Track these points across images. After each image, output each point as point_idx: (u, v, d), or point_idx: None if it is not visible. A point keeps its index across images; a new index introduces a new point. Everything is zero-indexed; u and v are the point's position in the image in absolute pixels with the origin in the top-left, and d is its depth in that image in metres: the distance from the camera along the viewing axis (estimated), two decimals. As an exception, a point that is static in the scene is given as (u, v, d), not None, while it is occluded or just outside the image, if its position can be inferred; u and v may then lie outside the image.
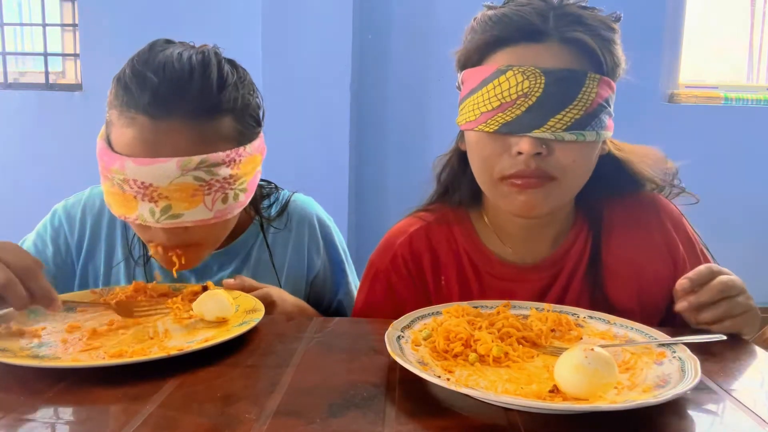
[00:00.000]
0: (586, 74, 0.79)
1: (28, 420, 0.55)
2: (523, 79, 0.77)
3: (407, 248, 0.94)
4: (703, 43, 2.57)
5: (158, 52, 0.84)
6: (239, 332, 0.74)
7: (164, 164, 0.79)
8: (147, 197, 0.81)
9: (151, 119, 0.80)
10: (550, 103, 0.78)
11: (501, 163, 0.81)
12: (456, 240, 0.94)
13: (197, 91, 0.81)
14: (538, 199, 0.82)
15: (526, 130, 0.78)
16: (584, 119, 0.79)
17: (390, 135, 2.44)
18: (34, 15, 2.66)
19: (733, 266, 0.88)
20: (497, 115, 0.79)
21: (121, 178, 0.82)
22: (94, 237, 1.00)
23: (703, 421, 0.58)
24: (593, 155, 0.84)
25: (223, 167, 0.83)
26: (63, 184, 2.52)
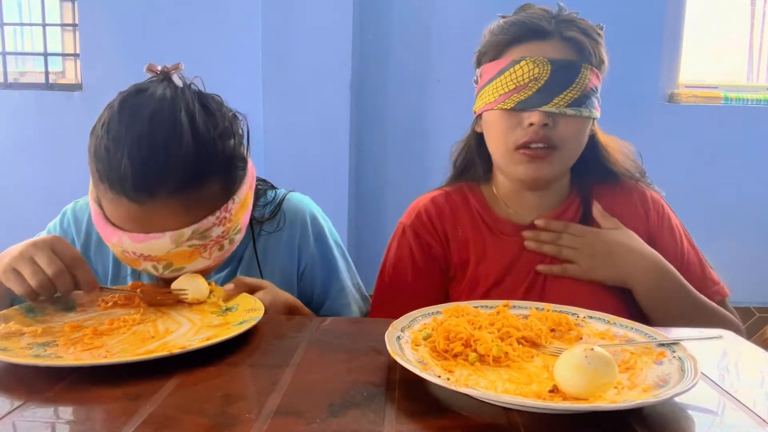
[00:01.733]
0: (581, 64, 0.99)
1: (28, 419, 0.56)
2: (534, 66, 0.97)
3: (430, 206, 1.13)
4: (703, 43, 2.57)
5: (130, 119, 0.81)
6: (240, 331, 0.74)
7: (158, 240, 0.83)
8: (148, 260, 0.86)
9: (136, 204, 0.81)
10: (554, 86, 0.97)
11: (515, 134, 0.99)
12: (470, 203, 1.13)
13: (176, 169, 0.80)
14: (542, 167, 1.00)
15: (536, 106, 0.97)
16: (580, 99, 0.98)
17: (390, 135, 2.44)
18: (34, 15, 2.65)
19: (733, 266, 0.89)
20: (513, 95, 0.98)
21: (120, 250, 0.86)
22: (101, 242, 1.01)
23: (703, 421, 0.58)
24: (586, 130, 1.03)
25: (215, 228, 0.86)
26: (63, 184, 2.52)
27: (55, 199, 2.64)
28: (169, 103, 0.83)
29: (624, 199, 1.10)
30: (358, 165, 2.41)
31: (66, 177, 2.49)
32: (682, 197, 2.41)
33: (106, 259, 1.04)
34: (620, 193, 1.11)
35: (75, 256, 0.82)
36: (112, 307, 0.89)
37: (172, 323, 0.82)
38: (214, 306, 0.88)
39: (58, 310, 0.86)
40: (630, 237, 1.02)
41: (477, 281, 1.07)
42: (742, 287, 2.53)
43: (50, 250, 0.80)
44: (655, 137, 2.40)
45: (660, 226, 1.09)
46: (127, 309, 0.88)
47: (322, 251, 1.10)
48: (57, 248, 0.81)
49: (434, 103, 2.37)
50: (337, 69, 2.24)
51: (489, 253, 1.07)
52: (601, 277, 1.01)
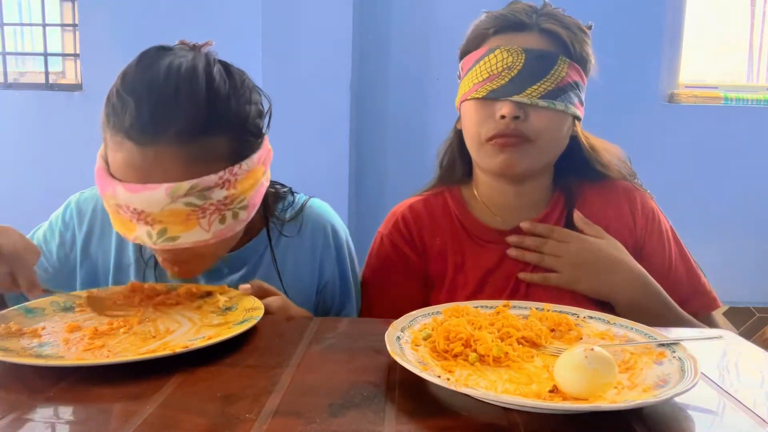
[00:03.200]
0: (557, 56, 0.97)
1: (28, 419, 0.56)
2: (508, 55, 0.96)
3: (408, 214, 1.11)
4: (703, 43, 2.57)
5: (146, 67, 0.80)
6: (240, 331, 0.74)
7: (153, 191, 0.77)
8: (141, 221, 0.79)
9: (136, 145, 0.77)
10: (528, 76, 0.95)
11: (487, 126, 0.98)
12: (449, 208, 1.11)
13: (183, 113, 0.77)
14: (515, 157, 0.98)
15: (508, 95, 0.95)
16: (555, 92, 0.96)
17: (390, 135, 2.44)
18: (34, 15, 2.65)
19: (733, 266, 0.88)
20: (486, 84, 0.97)
21: (114, 203, 0.81)
22: (104, 234, 0.99)
23: (703, 421, 0.58)
24: (563, 127, 1.00)
25: (217, 189, 0.79)
26: (63, 184, 2.52)
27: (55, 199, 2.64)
28: (190, 59, 0.81)
29: (611, 201, 1.07)
30: (358, 165, 2.41)
31: (66, 177, 2.49)
32: (682, 197, 2.42)
33: (108, 252, 1.00)
34: (607, 195, 1.07)
35: (16, 252, 0.76)
36: (111, 307, 0.88)
37: (172, 323, 0.82)
38: (214, 306, 0.88)
39: (58, 310, 0.86)
40: (615, 247, 0.98)
41: (455, 290, 1.04)
42: (742, 287, 2.54)
43: None
44: (655, 137, 2.40)
45: (649, 230, 1.05)
46: (127, 309, 0.88)
47: (342, 269, 1.08)
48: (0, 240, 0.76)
49: (434, 103, 2.37)
50: (337, 69, 2.24)
51: (468, 261, 1.05)
52: (583, 288, 0.98)
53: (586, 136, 1.07)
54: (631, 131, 2.37)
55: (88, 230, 0.99)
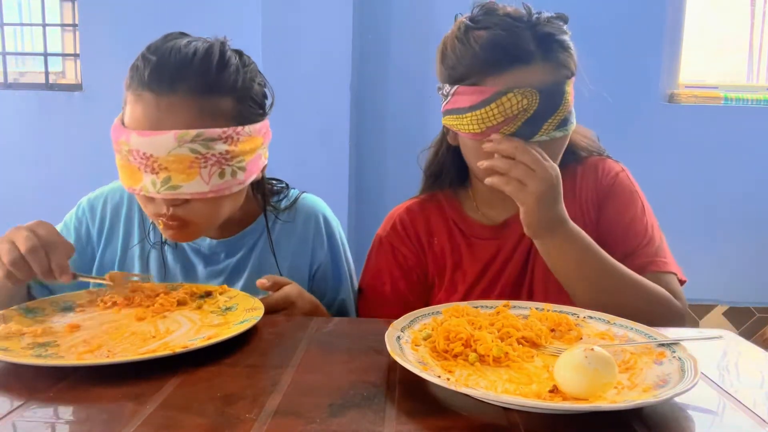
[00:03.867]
0: (565, 83, 0.97)
1: (28, 419, 0.56)
2: (522, 98, 0.93)
3: (405, 216, 1.13)
4: (703, 43, 2.57)
5: (169, 40, 0.92)
6: (240, 330, 0.74)
7: (163, 136, 0.85)
8: (149, 168, 0.87)
9: (154, 95, 0.87)
10: (543, 113, 0.94)
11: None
12: (444, 210, 1.13)
13: (198, 71, 0.88)
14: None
15: (526, 137, 0.94)
16: (567, 117, 0.97)
17: (390, 135, 2.44)
18: (34, 15, 2.65)
19: (733, 266, 0.88)
20: (502, 128, 0.94)
21: (126, 149, 0.88)
22: (114, 224, 1.08)
23: (703, 421, 0.58)
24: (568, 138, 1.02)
25: (220, 143, 0.88)
26: (63, 184, 2.52)
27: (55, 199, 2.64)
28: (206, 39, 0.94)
29: (585, 176, 1.08)
30: (358, 165, 2.41)
31: (66, 177, 2.50)
32: (682, 197, 2.42)
33: (115, 248, 1.08)
34: (583, 173, 1.08)
35: (51, 240, 0.83)
36: (111, 307, 0.89)
37: (172, 323, 0.82)
38: (214, 306, 0.88)
39: (58, 310, 0.86)
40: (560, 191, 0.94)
41: (455, 286, 1.07)
42: (742, 287, 2.54)
43: (29, 230, 0.82)
44: (655, 137, 2.40)
45: (610, 191, 1.06)
46: (127, 309, 0.88)
47: (334, 255, 1.12)
48: (36, 229, 0.83)
49: (434, 103, 2.36)
50: (337, 69, 2.24)
51: (465, 258, 1.08)
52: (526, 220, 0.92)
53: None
54: (631, 131, 2.37)
55: (101, 222, 1.09)
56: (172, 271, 1.05)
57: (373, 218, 2.45)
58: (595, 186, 1.07)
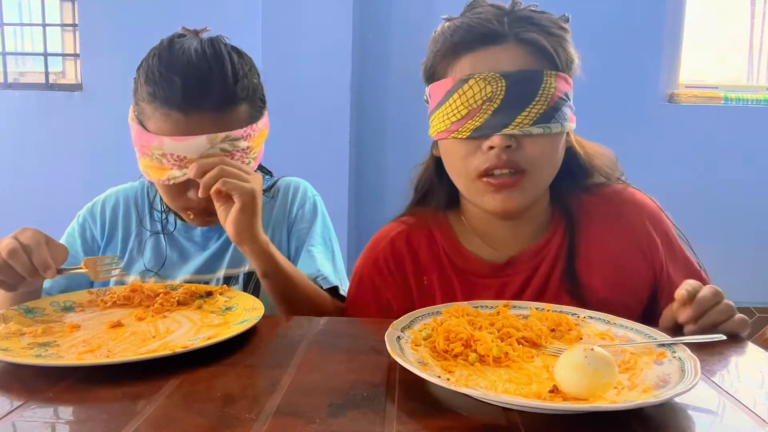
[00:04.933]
0: (542, 72, 0.84)
1: (28, 419, 0.56)
2: (485, 84, 0.83)
3: (389, 251, 0.98)
4: (703, 43, 2.57)
5: (178, 51, 0.96)
6: (240, 330, 0.74)
7: (196, 139, 0.93)
8: (178, 166, 0.94)
9: (184, 114, 0.93)
10: (513, 103, 0.83)
11: (475, 161, 0.87)
12: (436, 241, 0.98)
13: (219, 88, 0.95)
14: (513, 197, 0.87)
15: (495, 129, 0.84)
16: (548, 113, 0.84)
17: (390, 135, 2.44)
18: (34, 15, 2.65)
19: (733, 266, 0.88)
20: (467, 122, 0.85)
21: (159, 153, 0.94)
22: (113, 223, 1.16)
23: (703, 421, 0.58)
24: (559, 146, 0.89)
25: (242, 141, 0.97)
26: (63, 184, 2.52)
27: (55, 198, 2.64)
28: (210, 43, 0.98)
29: (615, 204, 0.96)
30: (358, 165, 2.41)
31: (66, 177, 2.50)
32: (682, 197, 2.41)
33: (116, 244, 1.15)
34: (612, 206, 0.96)
35: (33, 241, 0.85)
36: (111, 307, 0.89)
37: (172, 323, 0.82)
38: (214, 306, 0.88)
39: (58, 310, 0.86)
40: None
41: None
42: (742, 287, 2.54)
43: (10, 237, 0.86)
44: (655, 137, 2.40)
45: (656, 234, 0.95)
46: (126, 309, 0.88)
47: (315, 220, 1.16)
48: (17, 235, 0.86)
49: (434, 103, 2.37)
50: (337, 69, 2.24)
51: (460, 298, 0.93)
52: None
53: (581, 143, 0.97)
54: (631, 131, 2.37)
55: (101, 223, 1.16)
56: (169, 258, 1.12)
57: (373, 218, 2.46)
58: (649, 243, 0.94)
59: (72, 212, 1.20)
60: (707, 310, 0.78)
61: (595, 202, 0.96)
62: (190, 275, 1.10)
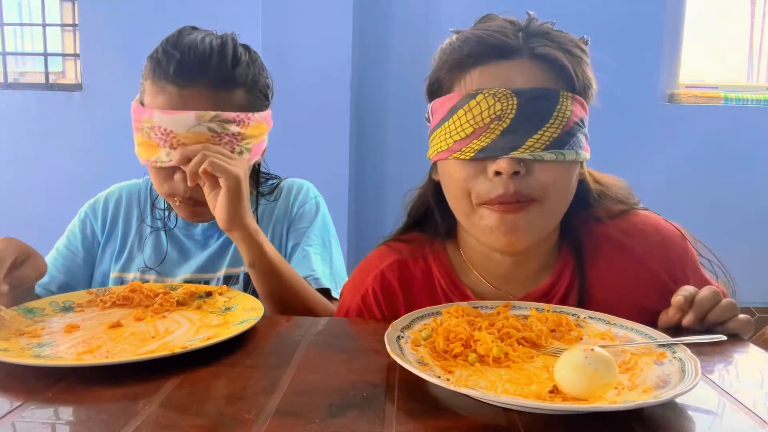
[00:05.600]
0: (558, 92, 0.76)
1: (27, 420, 0.55)
2: (495, 101, 0.75)
3: (379, 285, 0.89)
4: (703, 43, 2.57)
5: (185, 36, 1.00)
6: (240, 330, 0.74)
7: (184, 114, 0.94)
8: (167, 144, 0.95)
9: (177, 88, 0.96)
10: (525, 124, 0.75)
11: (478, 187, 0.78)
12: (432, 275, 0.89)
13: (215, 67, 0.98)
14: (519, 226, 0.77)
15: (503, 153, 0.75)
16: (562, 138, 0.76)
17: (390, 134, 2.44)
18: (34, 15, 2.65)
19: (733, 266, 0.88)
20: (472, 142, 0.76)
21: (148, 126, 0.96)
22: (114, 218, 1.17)
23: (703, 421, 0.58)
24: (573, 176, 0.81)
25: (233, 125, 0.98)
26: (63, 184, 2.52)
27: (55, 198, 2.64)
28: (218, 35, 1.03)
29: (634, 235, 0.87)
30: (358, 164, 2.41)
31: (66, 176, 2.49)
32: (682, 197, 2.42)
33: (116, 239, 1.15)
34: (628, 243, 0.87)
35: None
36: (110, 307, 0.89)
37: (172, 323, 0.82)
38: (213, 306, 0.88)
39: (57, 310, 0.86)
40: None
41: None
42: (742, 287, 2.53)
43: None
44: (655, 137, 2.40)
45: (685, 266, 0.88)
46: (126, 309, 0.88)
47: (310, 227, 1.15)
48: None
49: (434, 103, 2.37)
50: (337, 69, 2.24)
51: None
52: None
53: (592, 174, 0.90)
54: (631, 131, 2.37)
55: (102, 219, 1.17)
56: (169, 255, 1.12)
57: (373, 218, 2.46)
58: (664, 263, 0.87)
59: (72, 212, 1.20)
60: (708, 311, 0.78)
61: (609, 234, 0.87)
62: (190, 274, 1.10)
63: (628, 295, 0.84)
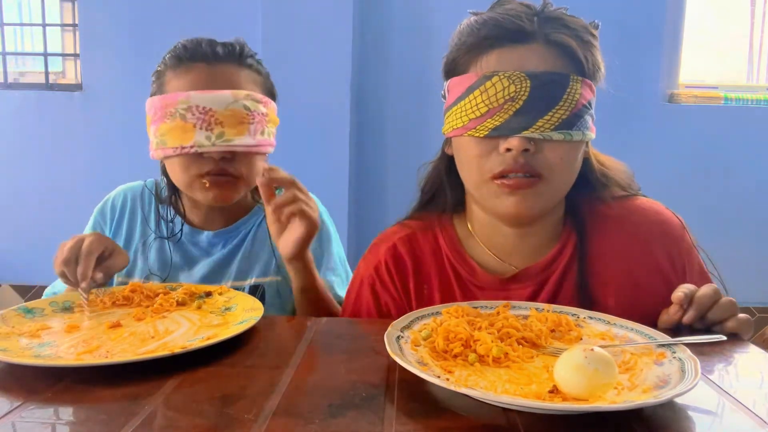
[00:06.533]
0: (569, 76, 0.82)
1: (27, 420, 0.55)
2: (509, 83, 0.81)
3: (391, 256, 0.95)
4: (703, 43, 2.57)
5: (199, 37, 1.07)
6: (240, 331, 0.74)
7: (221, 93, 1.00)
8: (204, 124, 0.98)
9: (206, 64, 1.03)
10: (537, 105, 0.80)
11: (490, 162, 0.84)
12: (440, 248, 0.95)
13: (238, 50, 1.07)
14: (527, 201, 0.83)
15: (515, 131, 0.81)
16: (571, 119, 0.82)
17: (390, 135, 2.44)
18: (34, 15, 2.65)
19: (733, 266, 0.88)
20: (486, 120, 0.82)
21: (184, 107, 0.99)
22: (119, 222, 1.18)
23: (703, 421, 0.58)
24: (578, 155, 0.87)
25: (261, 105, 1.04)
26: (63, 184, 2.52)
27: (55, 198, 2.64)
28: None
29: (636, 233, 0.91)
30: (358, 165, 2.41)
31: (66, 177, 2.49)
32: (682, 197, 2.41)
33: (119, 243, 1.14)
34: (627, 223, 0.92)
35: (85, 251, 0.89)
36: (110, 307, 0.89)
37: (171, 323, 0.82)
38: (213, 306, 0.88)
39: (57, 310, 0.86)
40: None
41: None
42: (742, 287, 2.53)
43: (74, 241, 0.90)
44: (655, 137, 2.40)
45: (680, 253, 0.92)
46: (126, 309, 0.88)
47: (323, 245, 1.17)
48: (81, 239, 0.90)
49: (434, 103, 2.36)
50: (337, 69, 2.24)
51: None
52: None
53: (596, 155, 0.95)
54: (631, 131, 2.37)
55: (110, 224, 1.19)
56: (175, 263, 1.12)
57: (374, 218, 2.45)
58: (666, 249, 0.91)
59: (72, 211, 1.21)
60: (709, 308, 0.79)
61: (611, 214, 0.92)
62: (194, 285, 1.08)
63: (626, 272, 0.89)
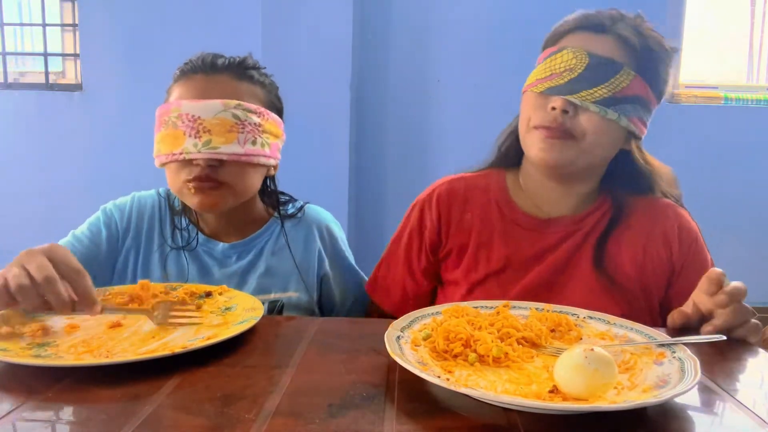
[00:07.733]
0: (622, 66, 0.96)
1: (28, 419, 0.55)
2: (572, 56, 0.97)
3: (444, 191, 1.12)
4: (703, 43, 2.57)
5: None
6: (240, 331, 0.74)
7: (211, 101, 1.01)
8: (193, 131, 1.00)
9: (204, 75, 1.06)
10: (587, 79, 0.96)
11: (536, 115, 1.00)
12: (489, 190, 1.11)
13: (239, 63, 1.09)
14: (554, 151, 0.98)
15: (562, 94, 0.97)
16: (610, 100, 0.95)
17: (390, 135, 2.44)
18: (34, 15, 2.65)
19: (733, 266, 0.88)
20: (546, 81, 0.99)
21: (176, 115, 1.01)
22: (139, 228, 1.15)
23: (703, 421, 0.58)
24: (612, 134, 0.99)
25: (254, 115, 1.04)
26: (63, 184, 2.52)
27: (54, 198, 2.64)
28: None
29: (656, 218, 1.05)
30: (358, 165, 2.41)
31: (66, 176, 2.50)
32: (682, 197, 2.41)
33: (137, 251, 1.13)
34: (652, 211, 1.06)
35: (75, 268, 0.75)
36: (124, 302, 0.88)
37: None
38: (213, 306, 0.88)
39: (58, 310, 0.86)
40: None
41: (476, 265, 1.05)
42: (742, 287, 2.53)
43: (44, 256, 0.73)
44: (655, 137, 2.40)
45: (688, 261, 1.03)
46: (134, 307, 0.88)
47: (342, 264, 1.21)
48: (54, 257, 0.74)
49: (434, 103, 2.37)
50: (337, 69, 2.24)
51: (495, 240, 1.05)
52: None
53: (646, 158, 1.08)
54: (631, 131, 2.37)
55: (127, 224, 1.16)
56: (190, 274, 1.10)
57: (374, 218, 2.46)
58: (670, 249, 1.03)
59: (72, 211, 1.20)
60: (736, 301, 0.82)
61: (643, 205, 1.06)
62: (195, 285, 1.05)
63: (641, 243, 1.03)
